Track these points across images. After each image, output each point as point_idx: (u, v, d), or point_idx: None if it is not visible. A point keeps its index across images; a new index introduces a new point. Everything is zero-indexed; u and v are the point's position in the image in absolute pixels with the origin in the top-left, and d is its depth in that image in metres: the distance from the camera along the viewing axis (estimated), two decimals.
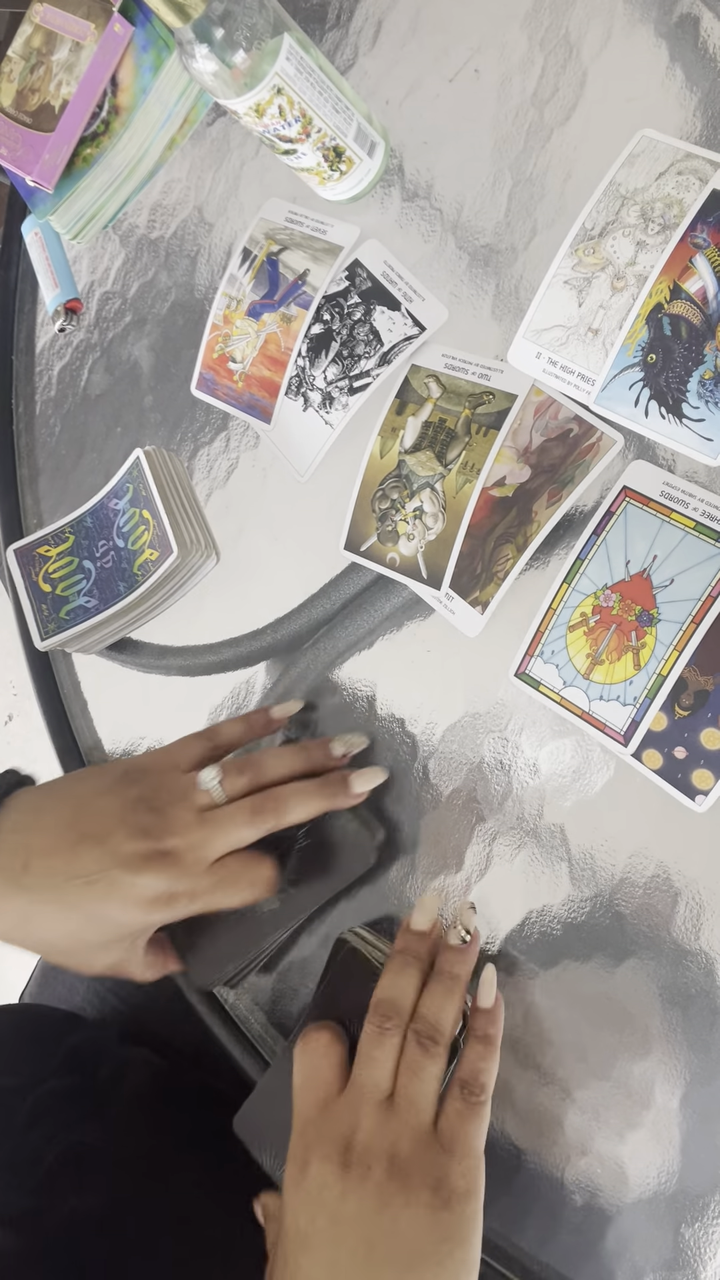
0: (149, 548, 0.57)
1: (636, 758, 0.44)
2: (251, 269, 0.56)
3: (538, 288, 0.47)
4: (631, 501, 0.45)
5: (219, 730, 0.51)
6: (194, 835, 0.44)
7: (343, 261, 0.54)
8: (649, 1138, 0.44)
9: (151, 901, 0.43)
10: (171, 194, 0.63)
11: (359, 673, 0.53)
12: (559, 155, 0.48)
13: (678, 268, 0.43)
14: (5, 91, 0.61)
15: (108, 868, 0.43)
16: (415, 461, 0.49)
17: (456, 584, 0.49)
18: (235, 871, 0.45)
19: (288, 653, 0.56)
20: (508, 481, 0.48)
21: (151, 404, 0.63)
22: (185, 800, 0.46)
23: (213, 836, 0.45)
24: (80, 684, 0.68)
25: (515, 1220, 0.47)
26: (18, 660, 0.68)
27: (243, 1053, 0.55)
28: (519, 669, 0.47)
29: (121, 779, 0.47)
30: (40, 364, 0.70)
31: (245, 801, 0.46)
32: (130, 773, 0.47)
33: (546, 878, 0.47)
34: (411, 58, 0.53)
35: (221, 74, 0.43)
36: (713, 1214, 0.43)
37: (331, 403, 0.53)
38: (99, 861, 0.43)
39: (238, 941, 0.49)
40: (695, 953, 0.43)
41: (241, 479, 0.59)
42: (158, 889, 0.43)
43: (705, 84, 0.45)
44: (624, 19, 0.47)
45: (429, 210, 0.52)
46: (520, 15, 0.50)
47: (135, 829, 0.44)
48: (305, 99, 0.45)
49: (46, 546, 0.63)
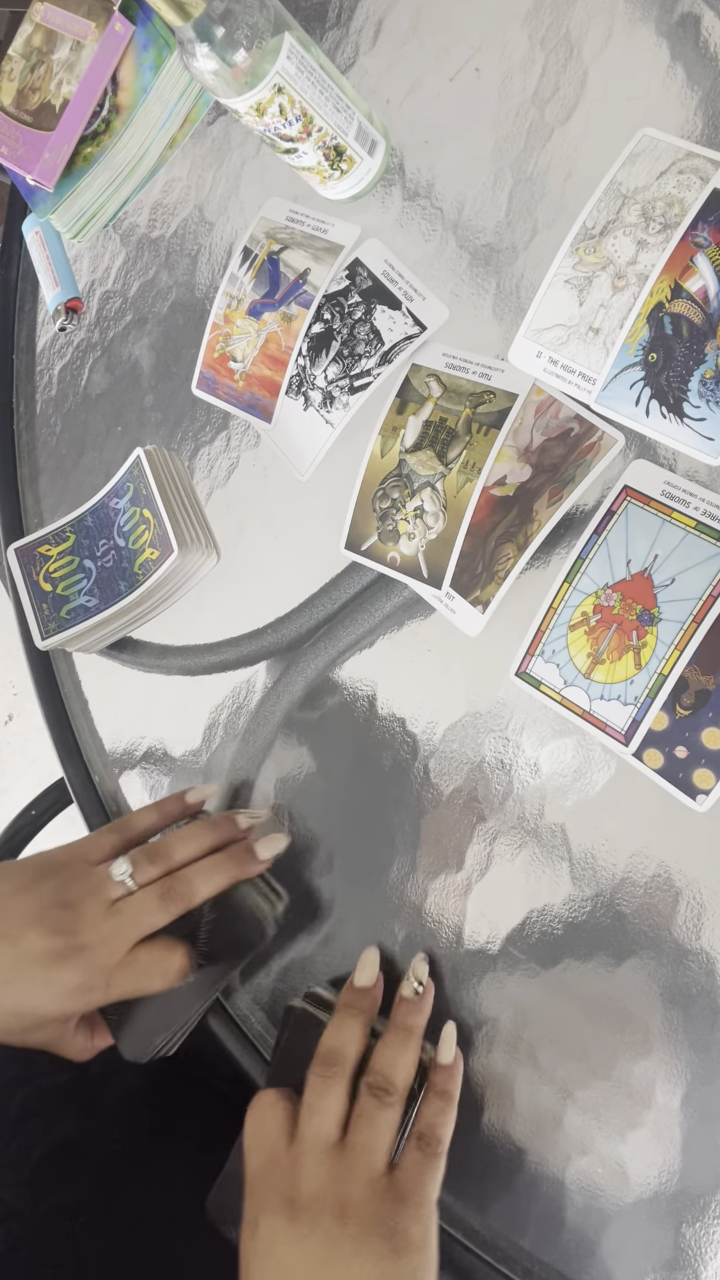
0: (149, 547, 0.57)
1: (637, 757, 0.44)
2: (252, 268, 0.56)
3: (538, 287, 0.47)
4: (632, 501, 0.45)
5: (131, 822, 0.53)
6: (105, 928, 0.46)
7: (343, 261, 0.53)
8: (650, 1137, 0.44)
9: (68, 995, 0.45)
10: (172, 193, 0.63)
11: (359, 672, 0.53)
12: (560, 154, 0.48)
13: (679, 267, 0.43)
14: (6, 90, 0.61)
15: (22, 966, 0.45)
16: (416, 461, 0.49)
17: (457, 583, 0.49)
18: (146, 965, 0.47)
19: (288, 652, 0.56)
20: (509, 481, 0.48)
21: (152, 403, 0.63)
22: (97, 894, 0.48)
23: (123, 927, 0.47)
24: (80, 684, 0.68)
25: (515, 1220, 0.47)
26: (18, 660, 0.68)
27: (242, 1051, 0.55)
28: (520, 668, 0.47)
29: (35, 876, 0.49)
30: (41, 363, 0.70)
31: (154, 887, 0.48)
32: (43, 869, 0.49)
33: (547, 877, 0.47)
34: (412, 57, 0.53)
35: (222, 73, 0.43)
36: (713, 1214, 0.43)
37: (332, 402, 0.53)
38: (15, 960, 0.45)
39: (163, 1015, 0.50)
40: (696, 952, 0.43)
41: (242, 478, 0.59)
42: (73, 983, 0.45)
43: (706, 83, 0.45)
44: (625, 18, 0.47)
45: (430, 209, 0.52)
46: (521, 14, 0.49)
47: (49, 927, 0.46)
48: (306, 98, 0.45)
49: (47, 546, 0.63)
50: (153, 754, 0.63)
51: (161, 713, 0.63)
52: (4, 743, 1.70)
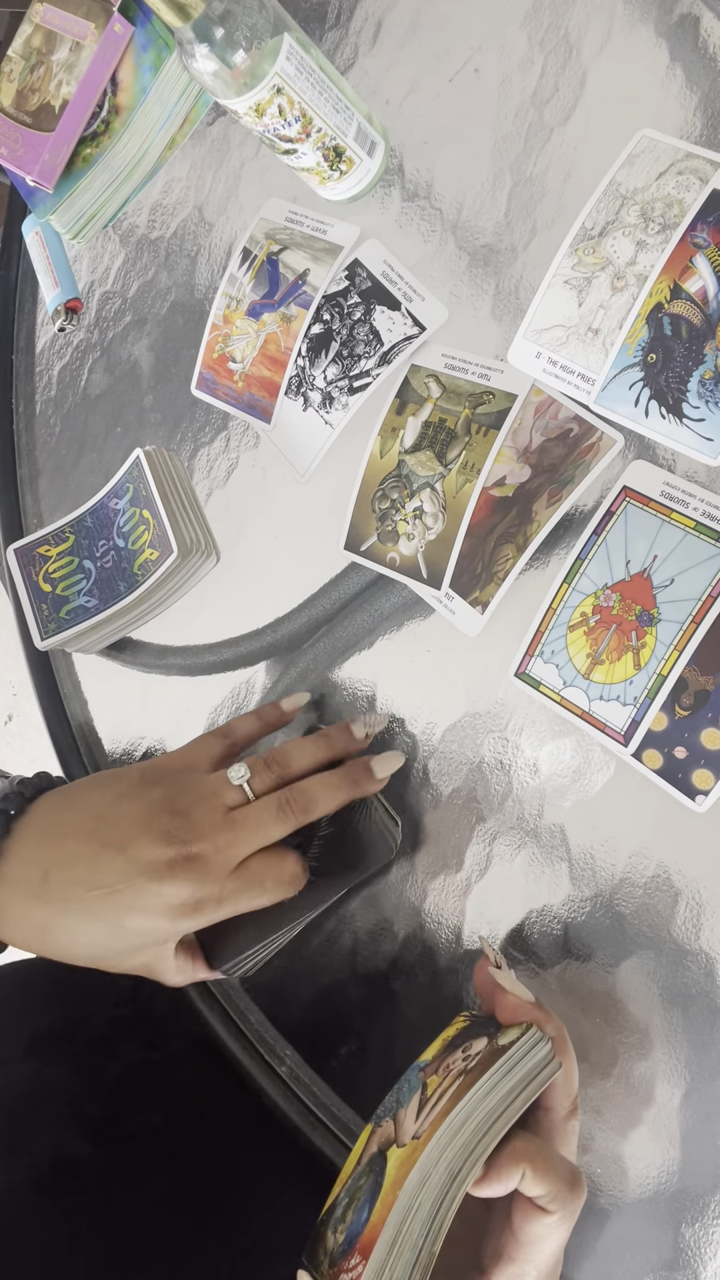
0: (149, 547, 0.57)
1: (637, 758, 0.44)
2: (251, 269, 0.56)
3: (538, 287, 0.47)
4: (632, 501, 0.45)
5: (234, 727, 0.50)
6: (220, 838, 0.43)
7: (343, 261, 0.53)
8: (649, 1137, 0.44)
9: (178, 909, 0.42)
10: (172, 194, 0.63)
11: (359, 672, 0.53)
12: (559, 155, 0.48)
13: (678, 267, 0.43)
14: (5, 91, 0.61)
15: (131, 877, 0.42)
16: (415, 461, 0.49)
17: (456, 584, 0.49)
18: (260, 873, 0.44)
19: (288, 653, 0.56)
20: (508, 481, 0.48)
21: (151, 404, 0.63)
22: (209, 801, 0.45)
23: (240, 838, 0.43)
24: (80, 684, 0.68)
25: None
26: (18, 660, 0.68)
27: (243, 1051, 0.55)
28: (519, 669, 0.47)
29: (141, 783, 0.46)
30: (40, 364, 0.70)
31: (271, 798, 0.45)
32: (150, 775, 0.46)
33: (547, 878, 0.47)
34: (411, 57, 0.53)
35: (221, 74, 0.43)
36: (713, 1214, 0.43)
37: (331, 402, 0.53)
38: (122, 871, 0.42)
39: (256, 930, 0.48)
40: (695, 952, 0.43)
41: (241, 479, 0.59)
42: (183, 897, 0.42)
43: (705, 84, 0.45)
44: (624, 18, 0.47)
45: (429, 210, 0.52)
46: (520, 15, 0.50)
47: (159, 835, 0.43)
48: (305, 99, 0.45)
49: (47, 546, 0.63)
50: (153, 754, 0.63)
51: (161, 713, 0.63)
52: (4, 743, 1.70)
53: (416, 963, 0.50)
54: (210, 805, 0.44)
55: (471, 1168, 0.33)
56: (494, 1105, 0.34)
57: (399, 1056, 0.43)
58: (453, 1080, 0.35)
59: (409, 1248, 0.32)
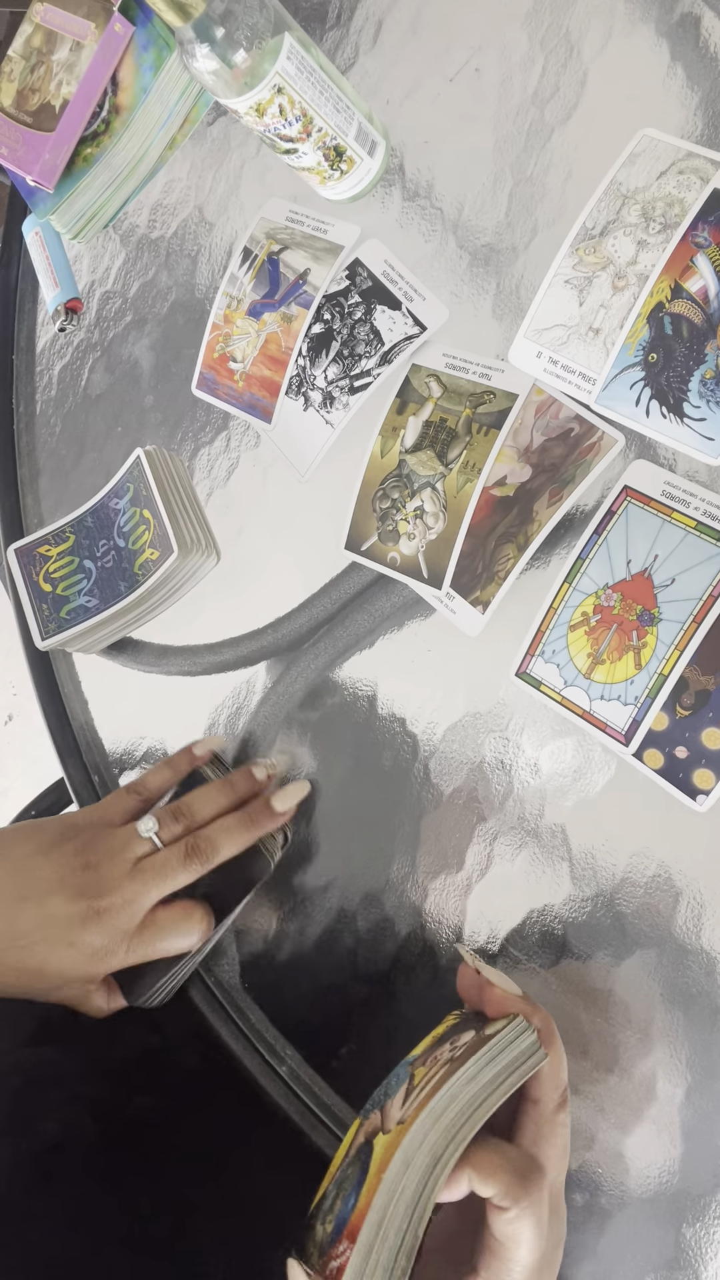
0: (149, 547, 0.57)
1: (637, 757, 0.44)
2: (252, 268, 0.56)
3: (538, 287, 0.47)
4: (633, 501, 0.45)
5: (146, 782, 0.54)
6: (128, 889, 0.47)
7: (343, 261, 0.53)
8: (650, 1137, 0.44)
9: (89, 958, 0.46)
10: (172, 193, 0.63)
11: (359, 672, 0.53)
12: (560, 154, 0.48)
13: (679, 267, 0.43)
14: (6, 91, 0.61)
15: (46, 930, 0.46)
16: (416, 461, 0.49)
17: (457, 583, 0.49)
18: (166, 926, 0.48)
19: (288, 652, 0.56)
20: (509, 481, 0.48)
21: (152, 403, 0.63)
22: (119, 855, 0.48)
23: (146, 886, 0.47)
24: (80, 684, 0.68)
25: None
26: (18, 660, 0.68)
27: (244, 1050, 0.55)
28: (520, 668, 0.47)
29: (58, 838, 0.49)
30: (41, 363, 0.70)
31: (178, 846, 0.48)
32: (67, 831, 0.50)
33: (548, 877, 0.47)
34: (412, 57, 0.53)
35: (222, 73, 0.43)
36: (714, 1214, 0.43)
37: (332, 402, 0.53)
38: (38, 924, 0.46)
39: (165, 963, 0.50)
40: (696, 952, 0.43)
41: (242, 479, 0.59)
42: (95, 946, 0.46)
43: (706, 83, 0.45)
44: (625, 18, 0.47)
45: (429, 209, 0.52)
46: (521, 14, 0.50)
47: (72, 890, 0.46)
48: (306, 98, 0.45)
49: (47, 546, 0.63)
50: (153, 754, 0.63)
51: (161, 713, 0.63)
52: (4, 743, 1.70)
53: (417, 962, 0.50)
54: (120, 859, 0.48)
55: (455, 1151, 0.33)
56: (477, 1091, 0.34)
57: (399, 1056, 0.43)
58: (439, 1069, 0.35)
59: (394, 1231, 0.32)
